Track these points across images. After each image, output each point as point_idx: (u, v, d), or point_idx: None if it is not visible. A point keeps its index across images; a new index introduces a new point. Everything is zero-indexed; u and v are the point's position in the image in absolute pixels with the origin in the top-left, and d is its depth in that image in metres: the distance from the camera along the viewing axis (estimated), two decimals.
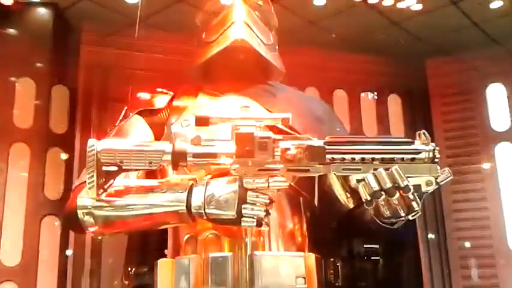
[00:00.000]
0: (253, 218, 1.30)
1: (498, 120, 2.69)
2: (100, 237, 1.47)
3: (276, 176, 1.31)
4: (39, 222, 2.64)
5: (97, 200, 1.37)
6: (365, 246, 1.71)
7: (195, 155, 1.33)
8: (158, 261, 1.47)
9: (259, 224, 1.32)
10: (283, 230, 1.49)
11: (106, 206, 1.37)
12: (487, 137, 2.71)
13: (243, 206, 1.30)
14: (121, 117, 1.70)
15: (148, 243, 1.71)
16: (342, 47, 3.07)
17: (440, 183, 1.37)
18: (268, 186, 1.31)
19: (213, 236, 1.44)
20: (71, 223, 1.45)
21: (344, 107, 3.33)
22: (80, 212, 1.38)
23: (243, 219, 1.30)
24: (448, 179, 1.37)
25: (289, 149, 1.31)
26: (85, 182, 1.44)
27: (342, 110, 3.26)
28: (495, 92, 2.77)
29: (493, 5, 2.64)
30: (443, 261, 2.70)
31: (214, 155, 1.34)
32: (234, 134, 1.31)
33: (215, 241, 1.44)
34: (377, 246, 1.72)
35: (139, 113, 1.67)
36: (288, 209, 1.53)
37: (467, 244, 2.60)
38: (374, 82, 3.23)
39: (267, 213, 1.32)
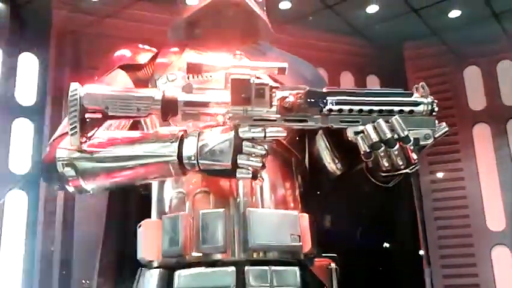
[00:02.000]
0: (249, 169, 1.24)
1: (475, 101, 2.72)
2: (79, 193, 1.35)
3: (272, 126, 1.26)
4: (4, 196, 2.47)
5: (78, 151, 1.27)
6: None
7: (187, 103, 1.25)
8: (143, 222, 1.38)
9: (254, 176, 1.25)
10: (275, 190, 1.42)
11: (89, 157, 1.27)
12: (464, 117, 2.74)
13: (239, 156, 1.22)
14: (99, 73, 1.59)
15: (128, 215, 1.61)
16: (324, 26, 3.03)
17: (437, 138, 1.34)
18: (265, 137, 1.24)
19: (203, 194, 1.36)
20: (50, 177, 1.34)
21: None
22: (59, 164, 1.27)
23: (238, 170, 1.23)
24: (445, 133, 1.35)
25: (287, 97, 1.26)
26: (65, 134, 1.35)
27: None
28: (471, 74, 2.81)
29: None
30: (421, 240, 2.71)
31: (206, 104, 1.26)
32: (230, 79, 1.24)
33: (205, 199, 1.35)
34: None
35: (121, 68, 1.57)
36: (280, 169, 1.45)
37: (446, 223, 2.60)
38: (354, 63, 3.22)
39: (263, 165, 1.25)
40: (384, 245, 1.63)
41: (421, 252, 2.51)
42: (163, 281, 1.30)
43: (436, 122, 1.34)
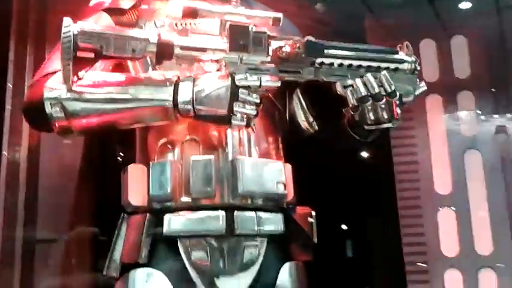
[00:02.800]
0: (243, 117, 1.25)
1: (429, 73, 2.87)
2: (63, 135, 1.30)
3: (266, 75, 1.28)
4: None
5: (68, 91, 1.22)
6: None
7: (183, 48, 1.24)
8: (129, 167, 1.37)
9: (248, 124, 1.27)
10: (260, 141, 1.44)
11: (80, 98, 1.23)
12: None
13: (235, 103, 1.24)
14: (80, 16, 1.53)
15: None
16: None
17: (417, 95, 1.43)
18: (260, 85, 1.26)
19: (191, 141, 1.36)
20: (35, 117, 1.29)
21: None
22: (47, 104, 1.23)
23: (233, 117, 1.24)
24: (424, 91, 1.44)
25: (283, 46, 1.28)
26: (51, 73, 1.30)
27: None
28: (426, 47, 2.95)
29: None
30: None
31: (203, 49, 1.25)
32: (228, 25, 1.24)
33: (193, 146, 1.36)
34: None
35: (104, 11, 1.51)
36: (265, 121, 1.47)
37: (398, 186, 2.75)
38: (318, 30, 3.24)
39: (257, 113, 1.27)
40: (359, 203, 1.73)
41: None
42: (151, 225, 1.30)
43: (417, 80, 1.43)
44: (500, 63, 2.75)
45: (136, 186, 1.34)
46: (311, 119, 1.69)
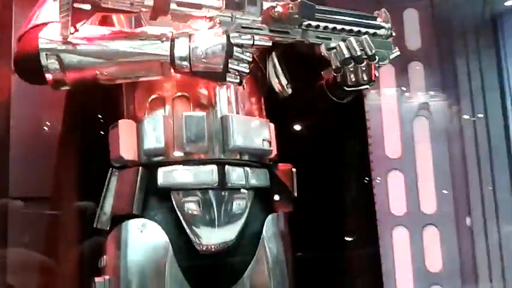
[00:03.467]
0: (237, 74, 1.30)
1: (411, 41, 3.01)
2: (56, 88, 1.28)
3: (258, 34, 1.33)
4: None
5: (64, 42, 1.21)
6: None
7: (179, 4, 1.26)
8: (119, 122, 1.38)
9: (240, 82, 1.33)
10: (246, 100, 1.50)
11: (76, 50, 1.23)
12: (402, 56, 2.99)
13: (230, 60, 1.28)
14: None
15: None
16: None
17: (390, 59, 1.54)
18: (253, 44, 1.32)
19: (182, 98, 1.40)
20: (27, 68, 1.27)
21: None
22: (43, 55, 1.21)
23: (227, 74, 1.29)
24: (397, 56, 1.56)
25: (275, 7, 1.33)
26: (43, 24, 1.28)
27: None
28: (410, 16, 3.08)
29: None
30: None
31: (199, 6, 1.28)
32: None
33: (184, 103, 1.40)
34: None
35: None
36: (250, 81, 1.53)
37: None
38: None
39: (248, 71, 1.33)
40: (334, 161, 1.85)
41: None
42: (144, 179, 1.34)
43: (392, 45, 1.54)
44: (447, 37, 2.94)
45: (127, 141, 1.36)
46: (285, 82, 1.76)
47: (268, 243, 1.42)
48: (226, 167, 1.36)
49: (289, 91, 1.75)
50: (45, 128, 1.70)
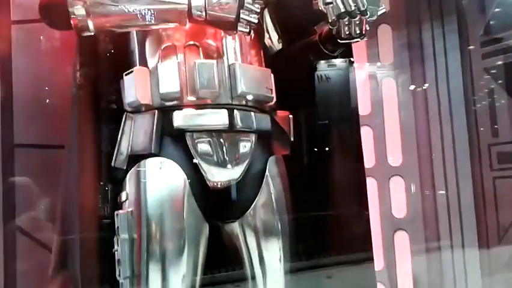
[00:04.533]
0: (246, 24, 1.42)
1: None
2: (81, 33, 1.35)
3: None
4: None
5: None
6: None
7: None
8: (135, 69, 1.47)
9: (249, 31, 1.44)
10: (249, 50, 1.62)
11: None
12: None
13: (241, 11, 1.39)
14: None
15: None
16: None
17: (379, 16, 1.69)
18: None
19: (192, 47, 1.51)
20: (53, 15, 1.33)
21: None
22: (72, 1, 1.27)
23: (239, 23, 1.40)
24: (384, 13, 1.71)
25: None
26: None
27: None
28: None
29: None
30: None
31: None
32: None
33: (194, 51, 1.51)
34: None
35: None
36: (253, 34, 1.64)
37: None
38: None
39: (257, 21, 1.44)
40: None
41: None
42: (161, 121, 1.45)
43: (379, 2, 1.69)
44: (414, 1, 3.13)
45: (142, 86, 1.47)
46: (276, 38, 1.89)
47: (272, 181, 1.57)
48: (235, 111, 1.49)
49: (280, 46, 1.88)
50: (47, 78, 1.75)
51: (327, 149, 2.13)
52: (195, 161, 1.45)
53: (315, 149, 2.00)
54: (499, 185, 2.91)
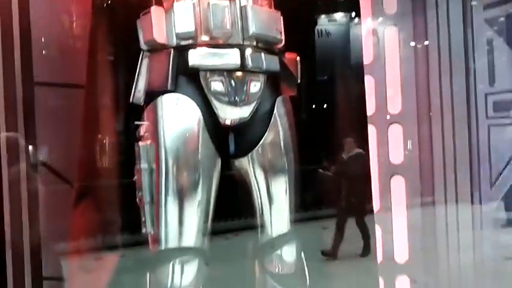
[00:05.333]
0: None
1: None
2: None
3: None
4: None
5: None
6: None
7: None
8: (152, 8, 1.54)
9: None
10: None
11: None
12: None
13: None
14: None
15: None
16: None
17: None
18: None
19: None
20: None
21: None
22: None
23: None
24: None
25: None
26: None
27: None
28: None
29: None
30: None
31: None
32: None
33: None
34: None
35: None
36: None
37: None
38: None
39: None
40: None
41: None
42: (176, 59, 1.53)
43: None
44: None
45: (159, 25, 1.54)
46: None
47: (280, 119, 1.67)
48: (246, 51, 1.57)
49: None
50: (64, 18, 1.81)
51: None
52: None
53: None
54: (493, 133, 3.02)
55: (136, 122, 1.48)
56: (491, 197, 3.05)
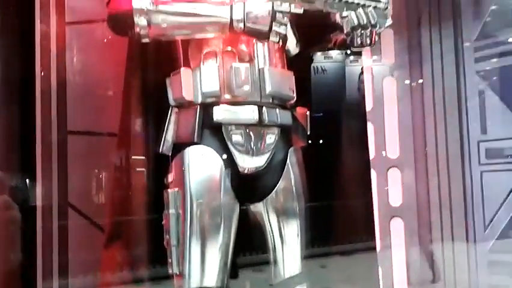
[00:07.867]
0: (276, 34, 1.68)
1: None
2: (141, 40, 1.62)
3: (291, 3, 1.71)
4: None
5: (153, 4, 1.55)
6: None
7: None
8: (181, 69, 1.74)
9: (279, 40, 1.71)
10: (275, 55, 1.88)
11: (162, 11, 1.58)
12: None
13: (273, 23, 1.66)
14: None
15: None
16: None
17: (386, 27, 1.95)
18: (290, 11, 1.69)
19: (230, 52, 1.77)
20: (119, 24, 1.59)
21: None
22: (136, 14, 1.54)
23: (271, 34, 1.67)
24: (390, 24, 1.97)
25: None
26: None
27: None
28: None
29: None
30: None
31: None
32: None
33: (231, 56, 1.77)
34: None
35: None
36: (279, 45, 1.91)
37: None
38: None
39: (286, 32, 1.71)
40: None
41: None
42: (203, 115, 1.72)
43: (388, 15, 1.95)
44: (415, 8, 3.39)
45: (187, 84, 1.73)
46: (295, 42, 2.15)
47: (292, 168, 1.85)
48: (263, 108, 1.76)
49: (297, 50, 2.14)
50: (97, 71, 2.01)
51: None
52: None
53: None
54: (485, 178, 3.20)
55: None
56: (484, 238, 3.21)
